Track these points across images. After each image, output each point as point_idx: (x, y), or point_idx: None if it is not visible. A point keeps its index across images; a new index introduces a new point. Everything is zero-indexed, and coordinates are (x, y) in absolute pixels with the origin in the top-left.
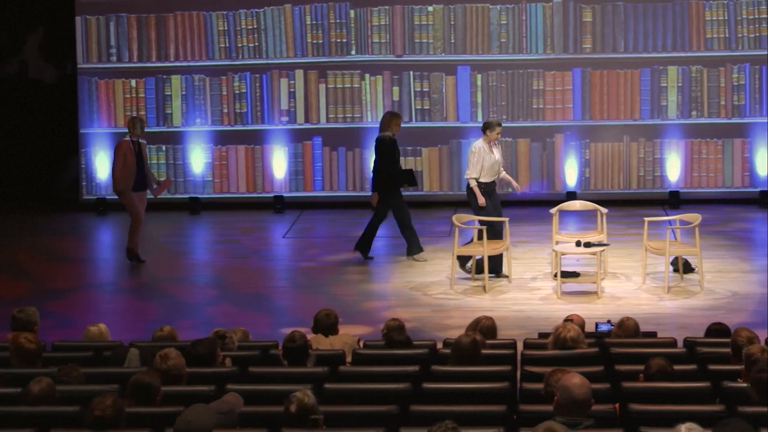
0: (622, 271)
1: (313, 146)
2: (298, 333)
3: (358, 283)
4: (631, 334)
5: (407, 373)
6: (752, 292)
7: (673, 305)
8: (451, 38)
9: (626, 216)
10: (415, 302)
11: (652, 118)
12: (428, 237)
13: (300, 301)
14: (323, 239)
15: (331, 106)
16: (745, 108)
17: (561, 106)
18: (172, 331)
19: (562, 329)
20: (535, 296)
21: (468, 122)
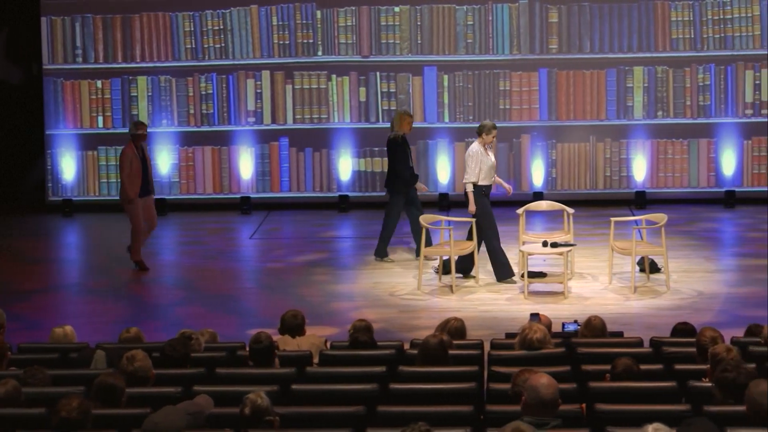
0: (589, 271)
1: (280, 147)
2: (264, 334)
3: (326, 284)
4: (597, 333)
5: (374, 373)
6: (718, 292)
7: (639, 305)
8: (418, 39)
9: (593, 216)
10: (383, 303)
11: (618, 118)
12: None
13: (267, 302)
14: (290, 240)
15: (298, 106)
16: (711, 108)
17: (527, 106)
18: (139, 333)
19: (528, 330)
20: (501, 297)
21: (435, 123)
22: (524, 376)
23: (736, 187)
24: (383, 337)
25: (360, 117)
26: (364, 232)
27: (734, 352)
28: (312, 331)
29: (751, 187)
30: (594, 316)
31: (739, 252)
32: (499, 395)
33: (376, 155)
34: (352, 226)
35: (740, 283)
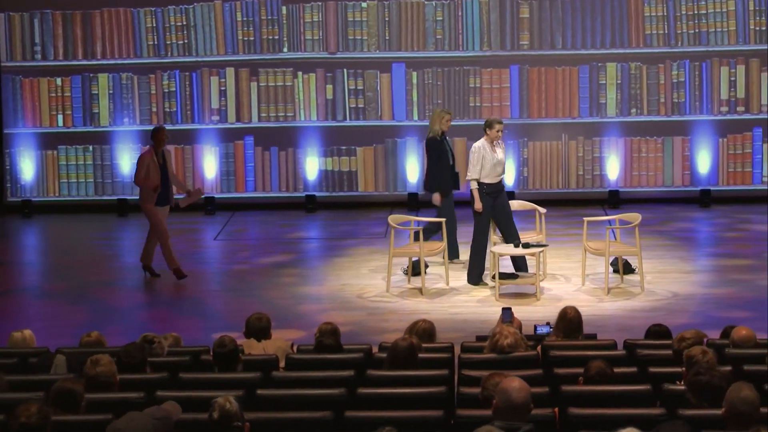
0: (562, 272)
1: (245, 146)
2: (228, 338)
3: (292, 286)
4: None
5: (342, 378)
6: (693, 293)
7: (613, 307)
8: (386, 35)
9: (565, 216)
10: (351, 305)
11: (591, 116)
12: (363, 239)
13: (232, 305)
14: (256, 241)
15: (263, 104)
16: (686, 105)
17: (498, 104)
18: (100, 337)
19: (499, 336)
20: (472, 298)
21: (403, 121)
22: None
23: (711, 186)
24: (351, 341)
25: (327, 115)
26: (331, 233)
27: (710, 355)
28: (278, 335)
29: (727, 186)
30: (570, 308)
31: (715, 252)
32: (470, 399)
33: (343, 154)
34: (319, 226)
35: (716, 284)
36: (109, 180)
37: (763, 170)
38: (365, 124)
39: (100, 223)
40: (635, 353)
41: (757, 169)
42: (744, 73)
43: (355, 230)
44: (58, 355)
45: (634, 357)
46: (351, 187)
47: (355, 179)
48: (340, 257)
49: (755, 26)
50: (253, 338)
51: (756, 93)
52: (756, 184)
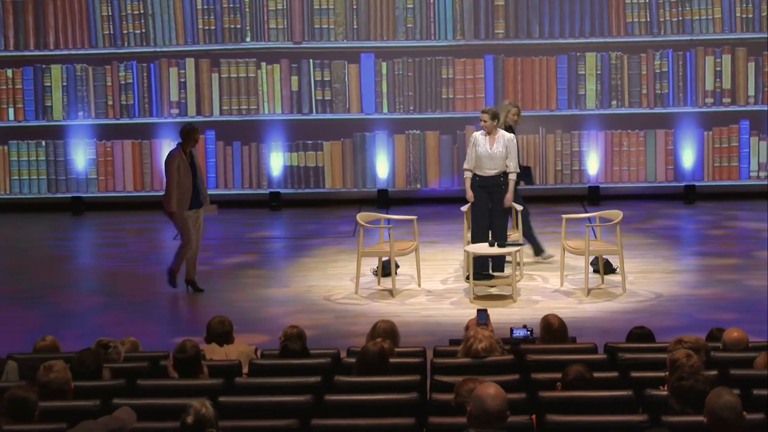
0: (539, 272)
1: (206, 141)
2: (189, 342)
3: (256, 288)
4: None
5: (308, 384)
6: (677, 294)
7: (593, 308)
8: (354, 24)
9: (543, 213)
10: (318, 308)
11: (569, 108)
12: (331, 238)
13: (193, 309)
14: (217, 241)
15: (225, 97)
16: (669, 97)
17: (472, 95)
18: (55, 342)
19: (473, 340)
20: (445, 300)
21: (372, 114)
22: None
23: (696, 181)
24: (318, 345)
25: (292, 108)
26: (297, 232)
27: (695, 358)
28: (241, 339)
29: (713, 181)
30: (552, 317)
31: (700, 251)
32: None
33: (309, 149)
34: (285, 225)
35: (701, 284)
36: (63, 177)
37: (750, 165)
38: (332, 117)
39: (54, 222)
40: (616, 357)
41: (744, 164)
42: (730, 62)
43: (322, 229)
44: (9, 361)
45: (615, 361)
46: (317, 184)
47: (321, 175)
48: (306, 257)
49: (742, 14)
50: (215, 343)
51: (742, 84)
52: (743, 180)
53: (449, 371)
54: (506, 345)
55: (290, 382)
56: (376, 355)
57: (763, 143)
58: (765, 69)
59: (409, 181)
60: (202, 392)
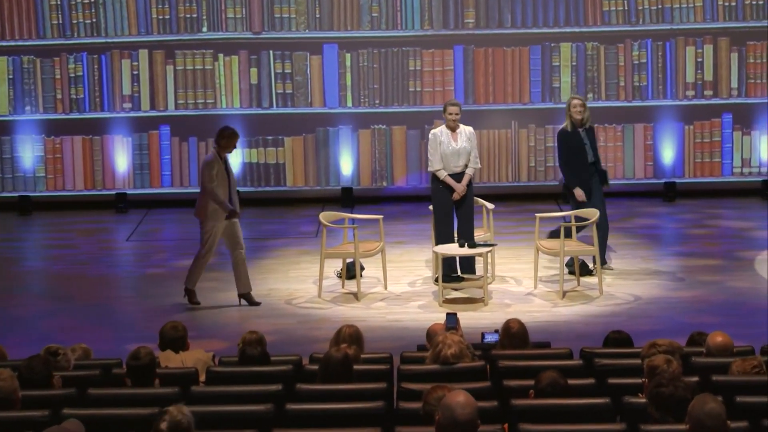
0: (512, 274)
1: (161, 136)
2: (143, 349)
3: (214, 291)
4: (517, 342)
5: (269, 392)
6: (657, 296)
7: (568, 312)
8: (316, 13)
9: (515, 212)
10: (278, 312)
11: (543, 101)
12: (292, 238)
13: (147, 313)
14: (173, 242)
15: (180, 90)
16: (648, 89)
17: (441, 88)
18: (1, 349)
19: (442, 345)
20: (413, 304)
21: (336, 108)
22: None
23: (676, 178)
24: (279, 351)
25: (251, 102)
26: (256, 233)
27: (675, 364)
28: (198, 346)
29: (694, 178)
30: (513, 321)
31: (681, 251)
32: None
33: (269, 145)
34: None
35: (682, 286)
36: (10, 175)
37: (733, 160)
38: (294, 111)
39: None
40: (593, 363)
41: (727, 159)
42: (712, 53)
43: (284, 229)
44: None
45: (592, 367)
46: (278, 182)
47: (282, 173)
48: (266, 259)
49: (724, 2)
50: (170, 350)
51: (725, 75)
52: (726, 176)
53: (417, 378)
54: (477, 350)
55: (250, 390)
56: (340, 361)
57: (747, 138)
58: (749, 60)
59: (374, 178)
60: (156, 401)
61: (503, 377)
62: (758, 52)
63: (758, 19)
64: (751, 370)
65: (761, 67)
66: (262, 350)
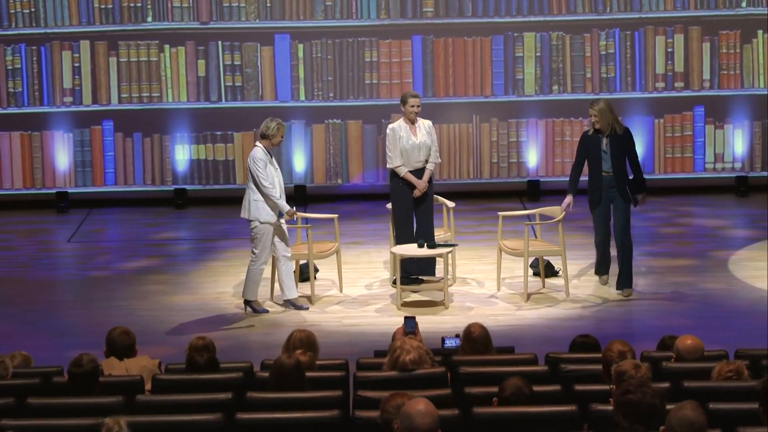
0: (473, 276)
1: (104, 132)
2: (86, 356)
3: (161, 295)
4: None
5: (218, 401)
6: (625, 299)
7: (533, 315)
8: (267, 2)
9: (477, 211)
10: (228, 317)
11: (506, 94)
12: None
13: (90, 319)
14: (117, 243)
15: (124, 83)
16: (616, 81)
17: (398, 81)
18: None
19: (400, 351)
20: (370, 308)
21: (288, 101)
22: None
23: (646, 174)
24: (229, 358)
25: (199, 95)
26: (205, 233)
27: (643, 369)
28: (144, 352)
29: (664, 174)
30: (474, 325)
31: (652, 251)
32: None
33: (218, 141)
34: (191, 225)
35: (652, 287)
36: None
37: (705, 156)
38: (244, 105)
39: None
40: (558, 369)
41: (699, 155)
42: (683, 43)
43: (233, 229)
44: None
45: (558, 373)
46: (227, 179)
47: (232, 170)
48: (215, 261)
49: None
50: (114, 357)
51: (696, 66)
52: (698, 172)
53: (374, 386)
54: (437, 356)
55: (198, 399)
56: (293, 368)
57: (720, 132)
58: (721, 50)
59: (329, 175)
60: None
61: (465, 384)
62: (731, 41)
63: (731, 7)
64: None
65: (734, 57)
66: (211, 357)
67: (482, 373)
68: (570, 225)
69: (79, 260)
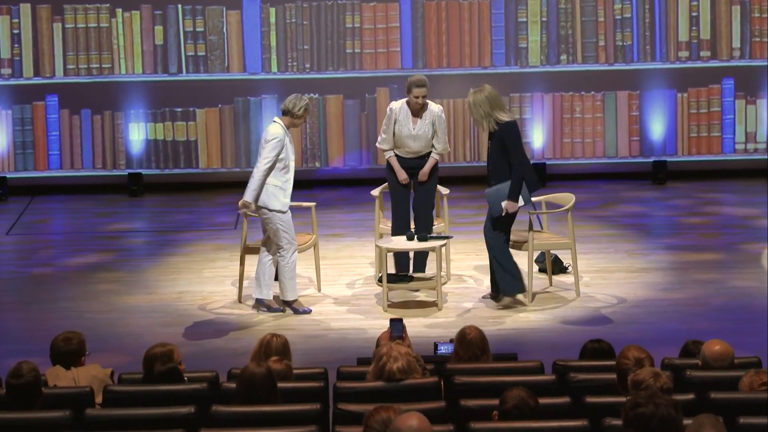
0: (470, 272)
1: (47, 109)
2: (26, 365)
3: (114, 295)
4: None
5: (179, 416)
6: (644, 298)
7: (539, 318)
8: None
9: (475, 198)
10: (191, 320)
11: (508, 65)
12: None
13: (31, 322)
14: (63, 236)
15: (71, 53)
16: (633, 50)
17: (385, 50)
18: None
19: (386, 358)
20: (353, 309)
21: (258, 73)
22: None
23: (667, 156)
24: (192, 367)
25: (156, 67)
26: (163, 224)
27: (664, 379)
28: (94, 360)
29: (688, 156)
30: (469, 327)
31: (673, 244)
32: None
33: (178, 119)
34: (148, 215)
35: (675, 286)
36: None
37: (735, 135)
38: (207, 78)
39: None
40: (567, 378)
41: (728, 134)
42: (709, 6)
43: (196, 220)
44: None
45: (566, 383)
46: (189, 163)
47: (194, 152)
48: (175, 256)
49: None
50: (60, 365)
51: (725, 33)
52: (726, 154)
53: (357, 398)
54: (428, 364)
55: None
56: (264, 378)
57: (752, 108)
58: (753, 14)
59: (305, 158)
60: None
61: (461, 396)
62: (764, 4)
63: None
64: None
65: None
66: (172, 366)
67: (481, 384)
68: (581, 215)
69: (20, 255)
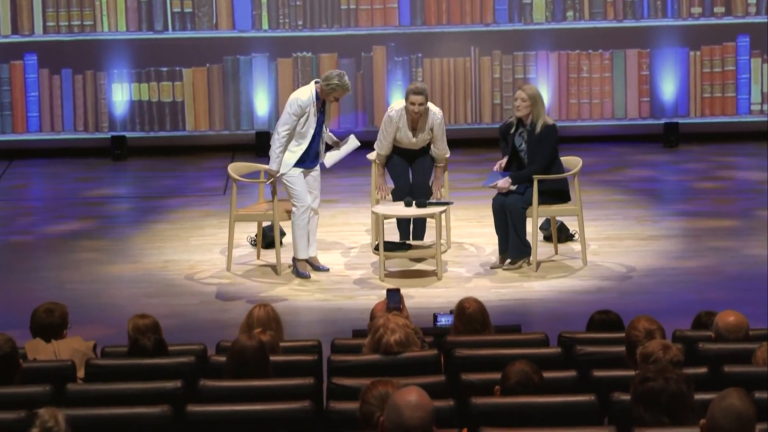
0: (472, 240)
1: (26, 68)
2: (4, 337)
3: (96, 264)
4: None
5: (165, 391)
6: (654, 267)
7: (543, 287)
8: None
9: (476, 162)
10: (177, 290)
11: (511, 21)
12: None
13: (10, 293)
14: (43, 202)
15: (50, 9)
16: (643, 6)
17: (381, 6)
18: None
19: (383, 330)
20: (348, 278)
21: (248, 31)
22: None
23: (679, 118)
24: (178, 339)
25: (140, 24)
26: (148, 190)
27: (675, 351)
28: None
29: (701, 117)
30: (468, 300)
31: (685, 210)
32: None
33: (164, 79)
34: (132, 180)
35: (687, 254)
36: None
37: (751, 95)
38: (195, 35)
39: None
40: (574, 351)
41: (743, 94)
42: None
43: (182, 185)
44: None
45: (573, 356)
46: (175, 125)
47: (181, 113)
48: (161, 223)
49: None
50: (40, 338)
51: None
52: (741, 115)
53: (352, 372)
54: (428, 336)
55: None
56: (255, 351)
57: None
58: None
59: None
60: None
61: (462, 370)
62: None
63: None
64: None
65: None
66: (158, 338)
67: (482, 357)
68: (588, 179)
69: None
